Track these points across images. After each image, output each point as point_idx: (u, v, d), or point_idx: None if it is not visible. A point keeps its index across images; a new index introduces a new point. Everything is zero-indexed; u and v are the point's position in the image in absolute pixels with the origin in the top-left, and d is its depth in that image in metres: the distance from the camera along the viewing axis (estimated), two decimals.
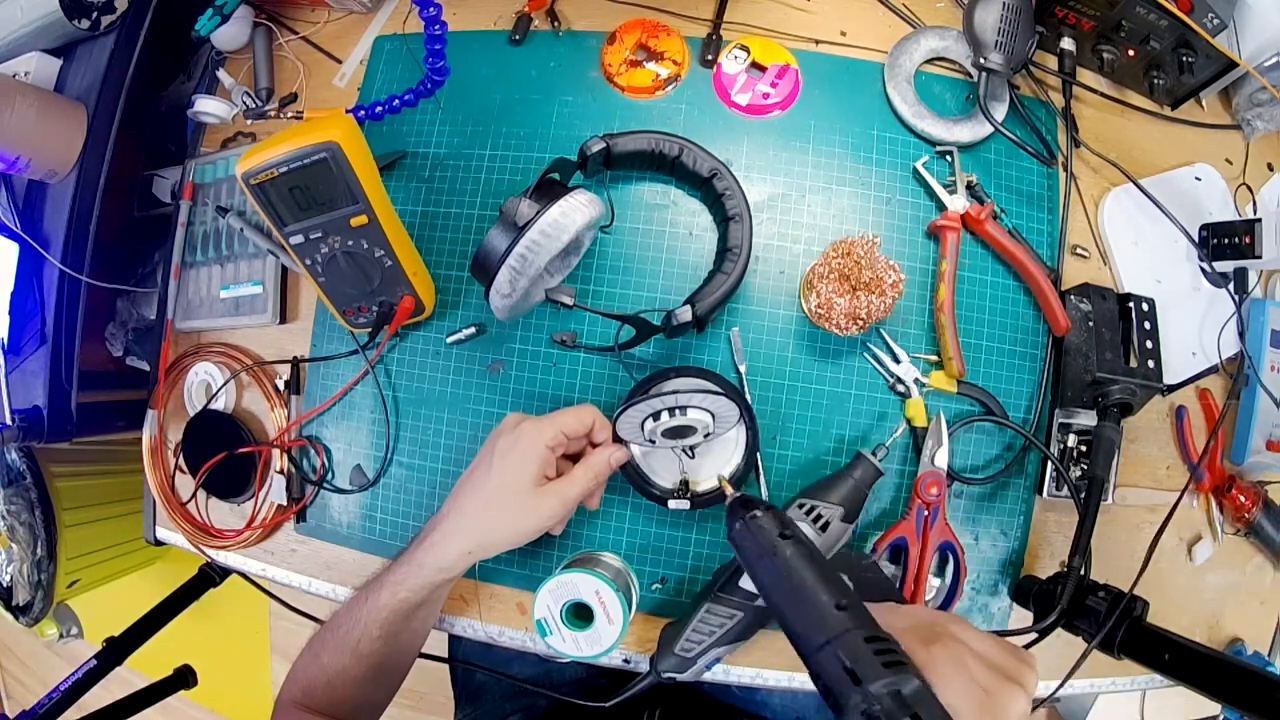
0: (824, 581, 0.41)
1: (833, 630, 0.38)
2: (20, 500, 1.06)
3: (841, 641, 0.37)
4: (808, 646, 0.39)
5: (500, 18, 0.72)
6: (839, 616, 0.39)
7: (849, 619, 0.39)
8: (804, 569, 0.42)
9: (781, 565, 0.42)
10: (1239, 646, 0.70)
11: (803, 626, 0.40)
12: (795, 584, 0.41)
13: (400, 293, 0.63)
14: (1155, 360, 0.64)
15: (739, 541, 0.45)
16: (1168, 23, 0.64)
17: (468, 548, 0.53)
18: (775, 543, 0.43)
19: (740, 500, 0.46)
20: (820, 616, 0.39)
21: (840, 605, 0.39)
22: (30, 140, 0.67)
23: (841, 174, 0.67)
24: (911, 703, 0.35)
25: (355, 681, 0.55)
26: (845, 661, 0.36)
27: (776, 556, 0.42)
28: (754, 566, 0.44)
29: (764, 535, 0.44)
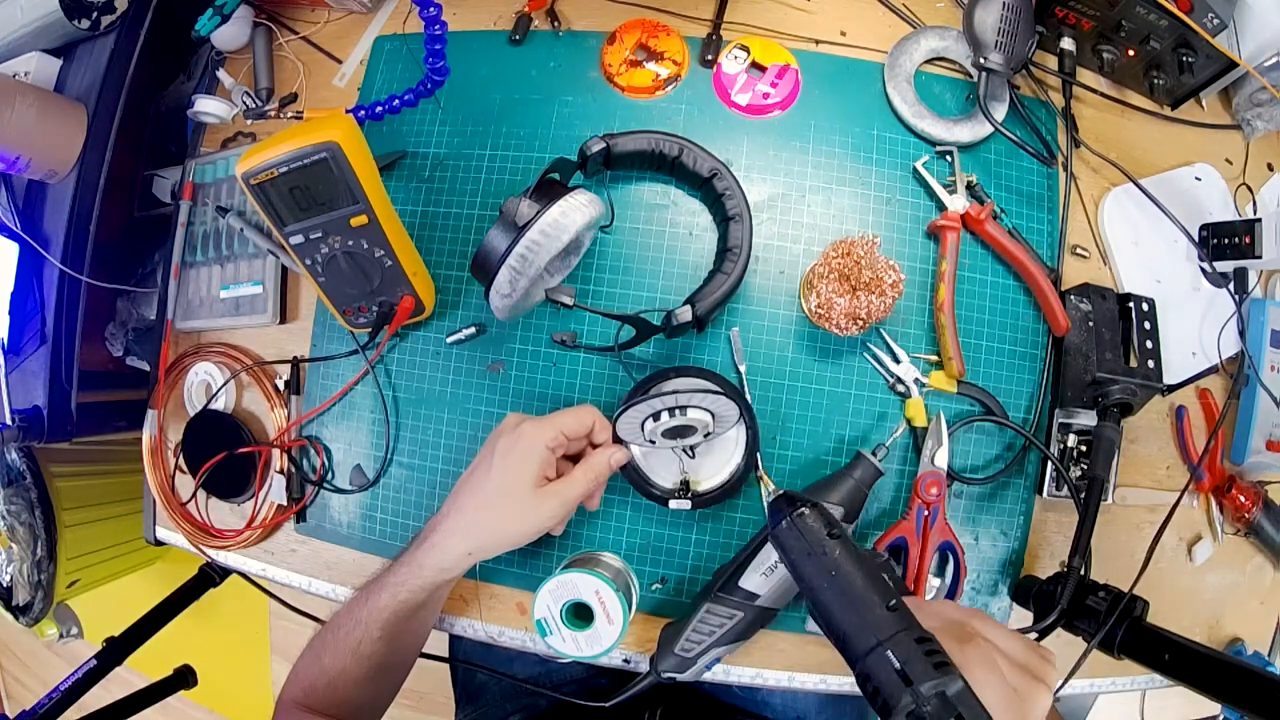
0: (873, 582, 0.41)
1: (884, 632, 0.38)
2: (20, 500, 1.06)
3: (894, 643, 0.38)
4: (858, 647, 0.39)
5: (500, 18, 0.72)
6: (889, 618, 0.39)
7: (899, 620, 0.39)
8: (853, 569, 0.41)
9: (830, 565, 0.42)
10: (1239, 646, 0.70)
11: (852, 628, 0.40)
12: (844, 585, 0.41)
13: (400, 293, 0.63)
14: (1155, 360, 0.64)
15: (784, 540, 0.44)
16: (1168, 23, 0.64)
17: (468, 549, 0.53)
18: (824, 542, 0.42)
19: (785, 497, 0.45)
20: (872, 618, 0.39)
21: (890, 606, 0.39)
22: (30, 140, 0.67)
23: (841, 174, 0.67)
24: (956, 704, 0.36)
25: (356, 682, 0.55)
26: (897, 663, 0.37)
27: (825, 556, 0.42)
28: (800, 566, 0.43)
29: (812, 535, 0.43)
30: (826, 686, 0.63)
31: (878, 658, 0.38)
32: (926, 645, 0.38)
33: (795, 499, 0.45)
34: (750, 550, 0.59)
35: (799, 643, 0.63)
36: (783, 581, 0.57)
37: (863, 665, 0.39)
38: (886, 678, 0.37)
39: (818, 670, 0.63)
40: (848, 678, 0.63)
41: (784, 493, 0.47)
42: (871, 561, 0.42)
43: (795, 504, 0.45)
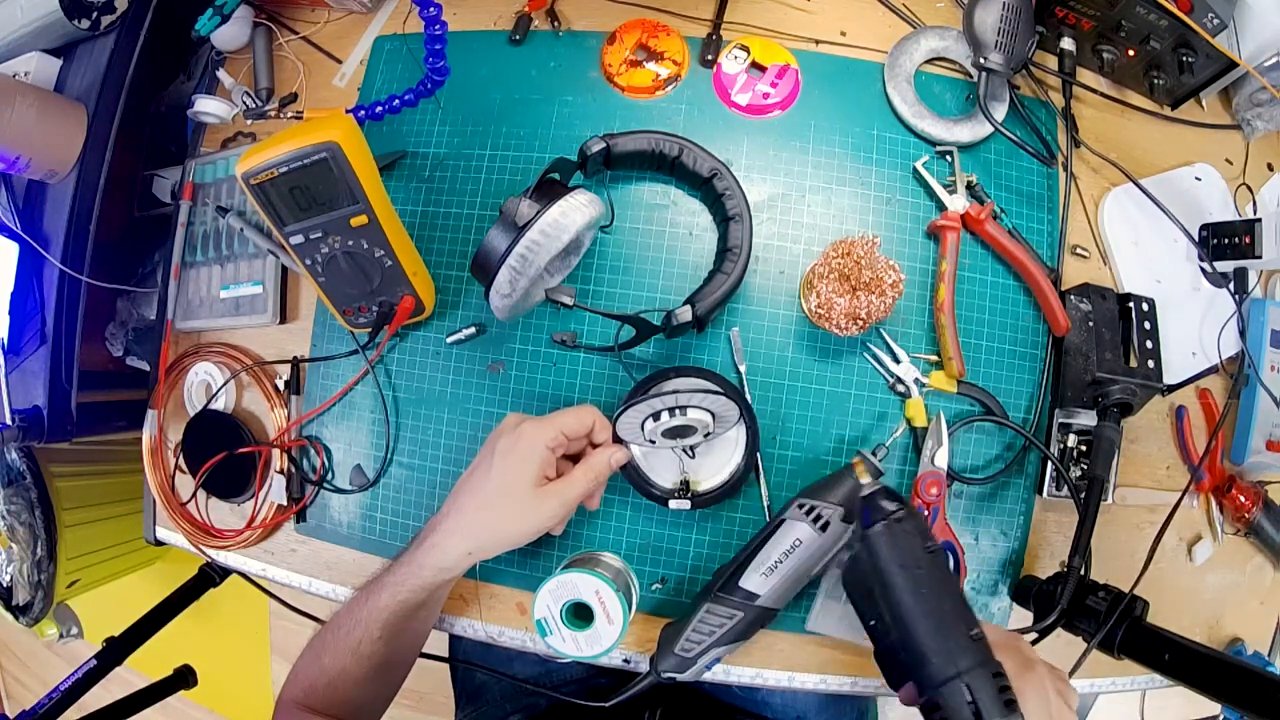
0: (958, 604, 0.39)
1: (965, 663, 0.37)
2: (20, 500, 1.06)
3: (973, 676, 0.37)
4: (934, 673, 0.38)
5: (500, 18, 0.72)
6: (971, 648, 0.38)
7: (979, 651, 0.38)
8: (945, 589, 0.39)
9: (921, 582, 0.40)
10: (1239, 646, 0.70)
11: (932, 651, 0.38)
12: (933, 606, 0.39)
13: (400, 293, 0.63)
14: (1155, 360, 0.64)
15: (875, 544, 0.42)
16: (1168, 23, 0.64)
17: (468, 549, 0.53)
18: (919, 555, 0.40)
19: (883, 494, 0.43)
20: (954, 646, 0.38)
21: (972, 633, 0.38)
22: (30, 140, 0.67)
23: (841, 174, 0.67)
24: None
25: (356, 682, 0.55)
26: (972, 697, 0.36)
27: (919, 570, 0.40)
28: (888, 574, 0.41)
29: (908, 543, 0.41)
30: (826, 686, 0.63)
31: (953, 688, 0.37)
32: (1000, 681, 0.37)
33: (893, 498, 0.42)
34: (750, 550, 0.59)
35: (799, 643, 0.63)
36: (783, 581, 0.57)
37: (935, 693, 0.38)
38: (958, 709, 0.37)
39: (818, 670, 0.63)
40: (847, 677, 0.63)
41: (883, 488, 0.44)
42: (955, 583, 0.40)
43: (892, 505, 0.42)
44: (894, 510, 0.42)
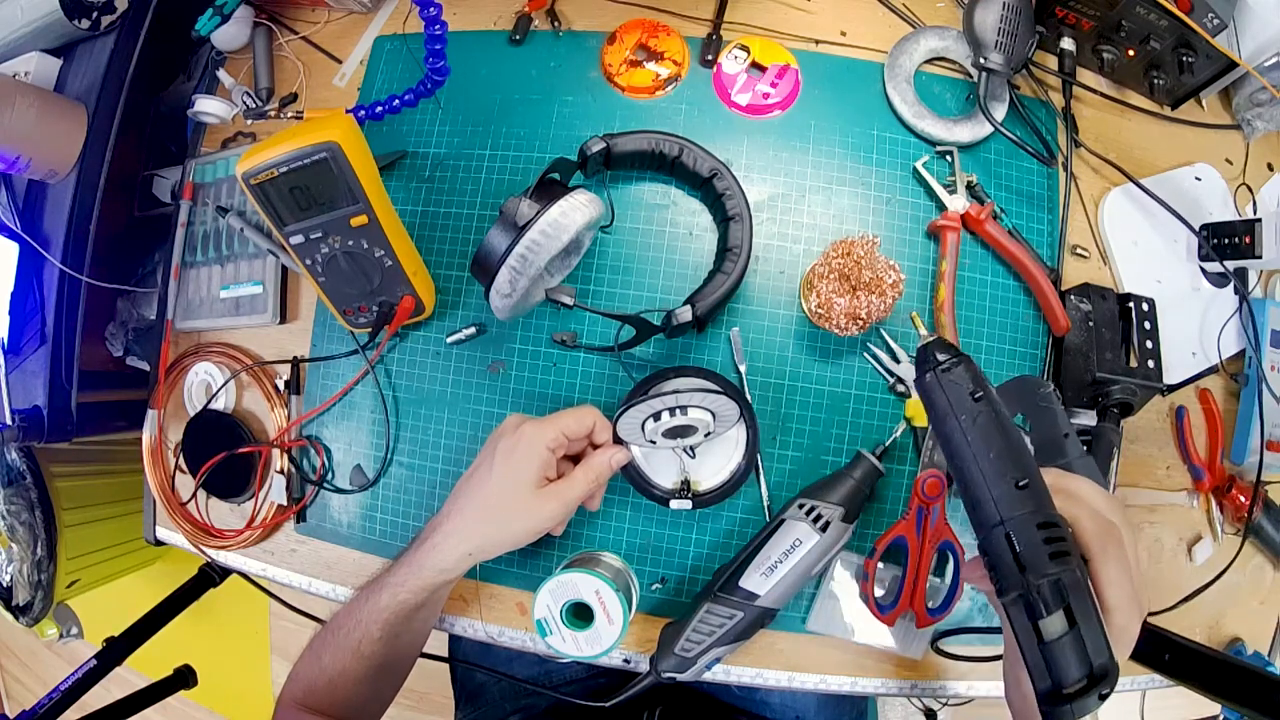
0: (1008, 454, 0.39)
1: (1008, 512, 0.38)
2: (20, 500, 1.06)
3: (1014, 525, 0.38)
4: (981, 519, 0.39)
5: (500, 18, 0.72)
6: (1016, 497, 0.38)
7: (1025, 501, 0.38)
8: (991, 437, 0.40)
9: (968, 429, 0.40)
10: (1239, 646, 0.70)
11: (981, 498, 0.40)
12: (977, 453, 0.40)
13: (400, 293, 0.63)
14: (1155, 360, 0.64)
15: (927, 393, 0.43)
16: (1168, 23, 0.64)
17: (468, 549, 0.53)
18: (965, 403, 0.41)
19: (936, 344, 0.43)
20: (998, 494, 0.39)
21: (1020, 483, 0.39)
22: (30, 140, 0.67)
23: (841, 174, 0.67)
24: (1067, 592, 0.37)
25: (357, 682, 0.55)
26: (1016, 546, 0.37)
27: (964, 418, 0.41)
28: (939, 424, 0.42)
29: (955, 391, 0.41)
30: (826, 686, 0.63)
31: (997, 536, 0.38)
32: (1049, 531, 0.38)
33: (945, 348, 0.43)
34: (750, 550, 0.59)
35: (799, 643, 0.63)
36: (783, 581, 0.57)
37: (985, 539, 0.39)
38: (1003, 559, 0.38)
39: (817, 670, 0.63)
40: (847, 678, 0.64)
41: (935, 339, 0.44)
42: (1011, 434, 0.40)
43: (943, 354, 0.42)
44: (943, 360, 0.42)
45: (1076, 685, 0.36)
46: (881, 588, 0.62)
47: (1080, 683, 0.36)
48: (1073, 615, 0.37)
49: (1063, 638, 0.37)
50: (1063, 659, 0.37)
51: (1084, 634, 0.37)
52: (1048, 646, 0.37)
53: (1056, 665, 0.37)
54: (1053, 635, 0.37)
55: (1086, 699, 0.36)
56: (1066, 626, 0.37)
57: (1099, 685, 0.36)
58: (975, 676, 0.64)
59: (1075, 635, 0.37)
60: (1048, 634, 0.37)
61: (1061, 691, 0.36)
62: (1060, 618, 0.37)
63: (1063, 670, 0.36)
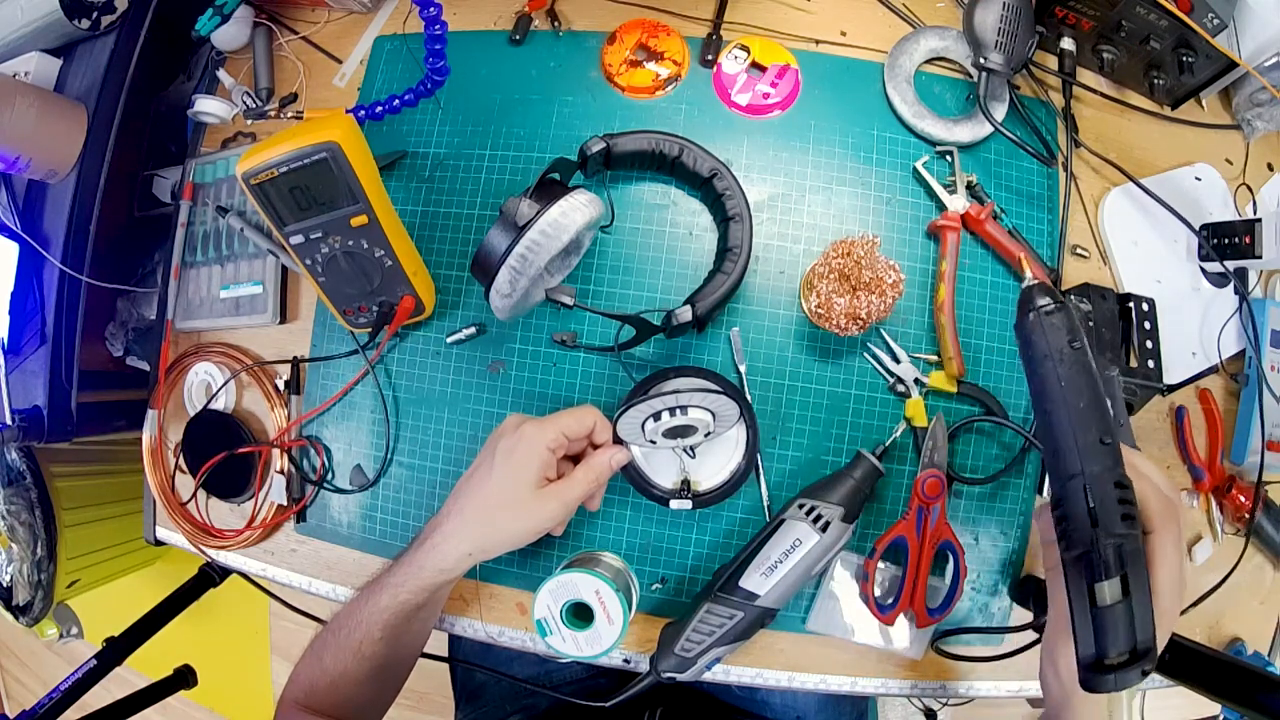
0: (1096, 408, 0.40)
1: (1090, 465, 0.38)
2: (20, 500, 1.06)
3: (1093, 478, 0.38)
4: (1061, 468, 0.40)
5: (500, 18, 0.72)
6: (1099, 451, 0.39)
7: (1106, 457, 0.39)
8: (1083, 387, 0.40)
9: (1063, 375, 0.41)
10: (1239, 646, 0.70)
11: (1062, 446, 0.40)
12: (1069, 399, 0.40)
13: (400, 293, 0.63)
14: (1155, 360, 0.64)
15: (1027, 334, 0.43)
16: (1168, 23, 0.64)
17: (468, 550, 0.53)
18: (1063, 349, 0.41)
19: (1038, 289, 0.44)
20: (1082, 444, 0.39)
21: (1104, 440, 0.39)
22: (30, 140, 0.67)
23: (841, 174, 0.67)
24: (1126, 562, 0.37)
25: (357, 682, 0.55)
26: (1090, 500, 0.38)
27: (1061, 364, 0.41)
28: (1034, 366, 0.42)
29: (1055, 336, 0.42)
30: (826, 686, 0.63)
31: (1075, 487, 0.38)
32: (1121, 493, 0.38)
33: (1048, 292, 0.43)
34: (750, 550, 0.59)
35: (799, 643, 0.63)
36: (783, 581, 0.57)
37: (1060, 488, 0.39)
38: (1076, 510, 0.38)
39: (818, 670, 0.63)
40: (847, 678, 0.64)
41: (1039, 283, 0.44)
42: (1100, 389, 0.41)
43: (1045, 298, 0.43)
44: (1044, 304, 0.42)
45: (1120, 657, 0.36)
46: (881, 588, 0.62)
47: (1124, 655, 0.37)
48: (1127, 585, 0.37)
49: (1115, 605, 0.37)
50: (1111, 627, 0.37)
51: (1134, 607, 0.37)
52: (1100, 612, 0.37)
53: (1104, 633, 0.37)
54: (1106, 601, 0.37)
55: (1129, 672, 0.36)
56: (1121, 595, 0.37)
57: (1141, 662, 0.36)
58: (975, 676, 0.64)
59: (1127, 606, 0.37)
60: (1101, 599, 0.37)
61: (1104, 661, 0.37)
62: (1116, 585, 0.37)
63: (1110, 639, 0.37)
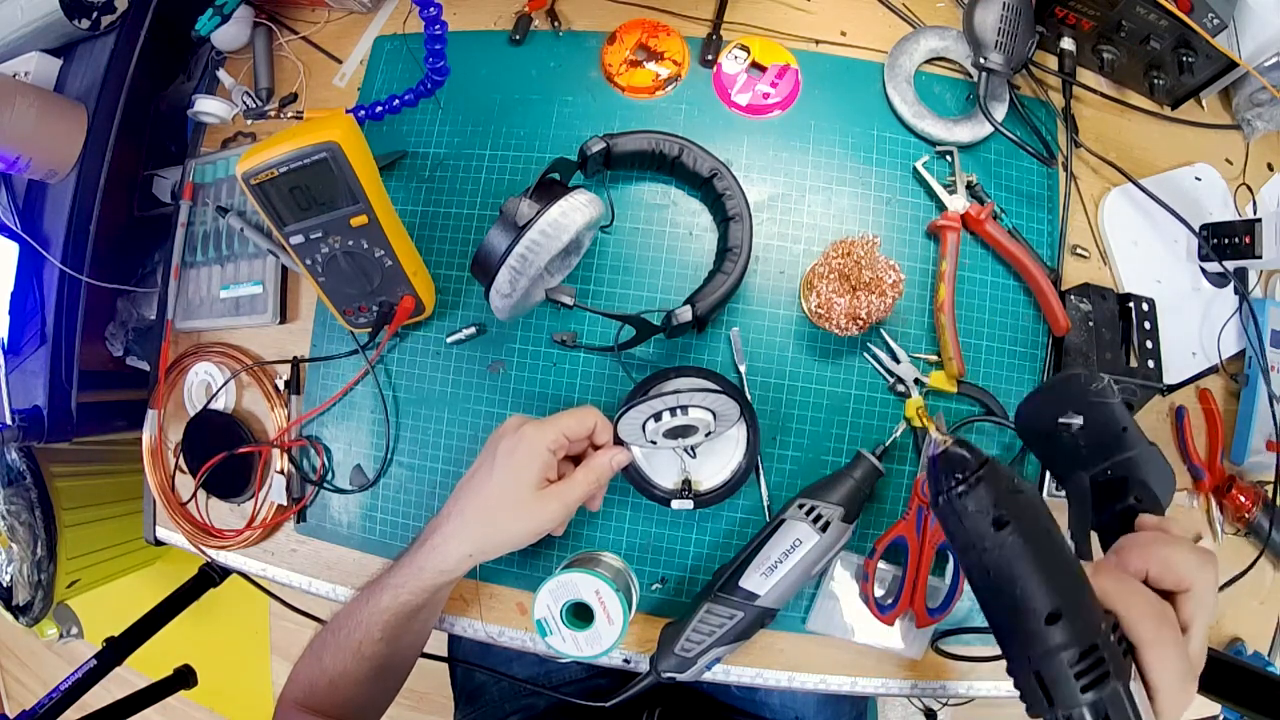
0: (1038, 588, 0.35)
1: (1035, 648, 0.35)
2: (20, 500, 1.06)
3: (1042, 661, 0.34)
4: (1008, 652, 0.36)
5: (500, 18, 0.72)
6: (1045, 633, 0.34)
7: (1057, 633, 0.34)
8: (1016, 568, 0.35)
9: (990, 564, 0.36)
10: (1239, 646, 0.70)
11: (1004, 635, 0.36)
12: (1003, 589, 0.35)
13: (400, 293, 0.63)
14: (1155, 360, 0.64)
15: (942, 519, 0.38)
16: (1168, 23, 0.64)
17: (468, 551, 0.53)
18: (985, 534, 0.36)
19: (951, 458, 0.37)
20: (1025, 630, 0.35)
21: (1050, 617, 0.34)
22: (30, 140, 0.67)
23: (841, 174, 0.67)
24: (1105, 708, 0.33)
25: (357, 682, 0.55)
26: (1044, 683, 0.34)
27: (986, 553, 0.36)
28: (958, 554, 0.37)
29: (973, 521, 0.36)
30: (826, 686, 0.63)
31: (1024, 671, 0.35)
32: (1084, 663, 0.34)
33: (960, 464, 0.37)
34: (751, 550, 0.59)
35: (799, 643, 0.63)
36: (783, 581, 0.57)
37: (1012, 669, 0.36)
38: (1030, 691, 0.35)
39: (817, 670, 0.63)
40: (847, 678, 0.64)
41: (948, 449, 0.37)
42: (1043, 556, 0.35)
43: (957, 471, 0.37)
44: (954, 484, 0.37)
45: None
46: (881, 588, 0.62)
47: None
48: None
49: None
50: None
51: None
52: None
53: None
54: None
55: None
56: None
57: None
58: (975, 676, 0.64)
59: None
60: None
61: None
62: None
63: None
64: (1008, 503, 0.36)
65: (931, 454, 0.38)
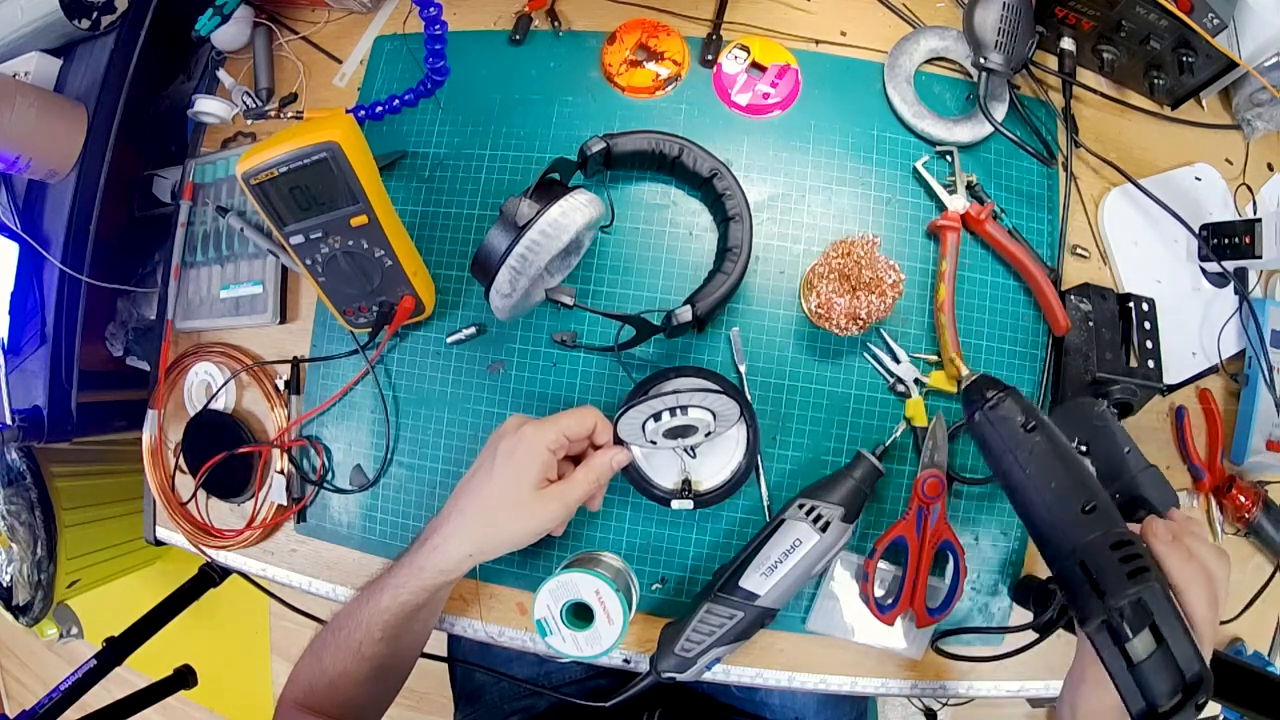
0: (1070, 479, 0.38)
1: (1078, 539, 0.37)
2: (20, 500, 1.06)
3: (1086, 551, 0.37)
4: (1052, 553, 0.38)
5: (500, 18, 0.72)
6: (1084, 522, 0.37)
7: (1095, 523, 0.37)
8: (1050, 467, 0.39)
9: (1026, 463, 0.39)
10: (1239, 646, 0.70)
11: (1048, 531, 0.39)
12: (1039, 485, 0.39)
13: (400, 293, 0.63)
14: (1155, 360, 0.64)
15: (979, 432, 0.42)
16: (1168, 23, 0.64)
17: (468, 551, 0.53)
18: (1018, 437, 0.40)
19: (980, 383, 0.42)
20: (1065, 522, 0.38)
21: (1087, 508, 0.38)
22: (30, 140, 0.67)
23: (841, 174, 0.67)
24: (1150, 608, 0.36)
25: (357, 682, 0.55)
26: (1091, 572, 0.37)
27: (1020, 452, 0.40)
28: (995, 462, 0.41)
29: (1005, 427, 0.40)
30: (826, 686, 0.63)
31: (1070, 566, 0.37)
32: (1123, 551, 0.37)
33: (991, 385, 0.41)
34: (750, 550, 0.59)
35: (799, 643, 0.63)
36: (783, 581, 0.57)
37: (1058, 570, 0.38)
38: (1080, 587, 0.37)
39: (817, 670, 0.63)
40: (847, 678, 0.64)
41: (979, 376, 0.43)
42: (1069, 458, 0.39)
43: (990, 390, 0.41)
44: (989, 397, 0.41)
45: (1172, 701, 0.35)
46: (881, 588, 0.62)
47: (1175, 697, 0.35)
48: (1159, 632, 0.36)
49: (1151, 656, 0.36)
50: (1155, 678, 0.35)
51: (1173, 649, 0.36)
52: (1137, 669, 0.36)
53: (1149, 686, 0.36)
54: (1141, 656, 0.36)
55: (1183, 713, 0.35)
56: (1154, 644, 0.36)
57: (1194, 695, 0.35)
58: (975, 676, 0.64)
59: (1164, 651, 0.36)
60: (1135, 656, 0.36)
61: (1158, 710, 0.35)
62: (1147, 636, 0.36)
63: (1156, 690, 0.35)
64: (1033, 413, 0.40)
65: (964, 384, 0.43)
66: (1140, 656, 0.36)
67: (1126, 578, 0.36)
